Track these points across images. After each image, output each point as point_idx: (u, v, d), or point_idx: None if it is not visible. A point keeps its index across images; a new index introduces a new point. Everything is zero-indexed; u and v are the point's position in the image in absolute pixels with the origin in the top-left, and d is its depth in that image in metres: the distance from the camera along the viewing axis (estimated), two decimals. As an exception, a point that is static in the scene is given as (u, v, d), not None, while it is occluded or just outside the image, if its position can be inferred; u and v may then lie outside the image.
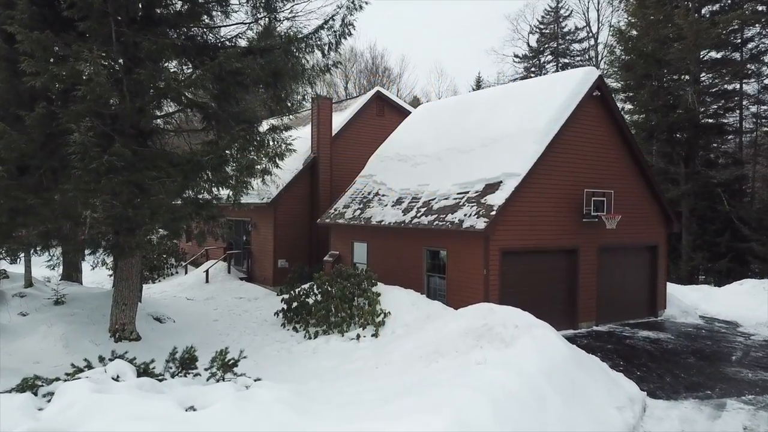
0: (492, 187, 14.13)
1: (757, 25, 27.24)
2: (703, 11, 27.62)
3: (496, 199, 13.60)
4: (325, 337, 13.37)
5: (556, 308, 15.12)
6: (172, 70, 12.13)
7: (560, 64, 42.39)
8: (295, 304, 15.39)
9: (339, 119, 22.91)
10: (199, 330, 15.16)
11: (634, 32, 28.00)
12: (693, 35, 24.65)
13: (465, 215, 13.93)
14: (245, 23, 13.64)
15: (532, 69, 43.91)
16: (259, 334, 14.66)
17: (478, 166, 15.22)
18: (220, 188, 12.63)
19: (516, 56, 45.71)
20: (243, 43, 13.30)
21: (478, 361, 8.49)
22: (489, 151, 15.47)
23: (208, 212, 13.71)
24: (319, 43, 13.43)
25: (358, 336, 12.84)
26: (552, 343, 9.34)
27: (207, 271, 22.23)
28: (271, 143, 12.31)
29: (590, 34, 41.78)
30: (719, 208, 25.48)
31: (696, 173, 26.59)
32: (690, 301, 19.22)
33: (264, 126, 14.53)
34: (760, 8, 26.16)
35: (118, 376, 8.35)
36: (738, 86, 28.68)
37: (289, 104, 12.14)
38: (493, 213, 13.27)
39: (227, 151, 11.12)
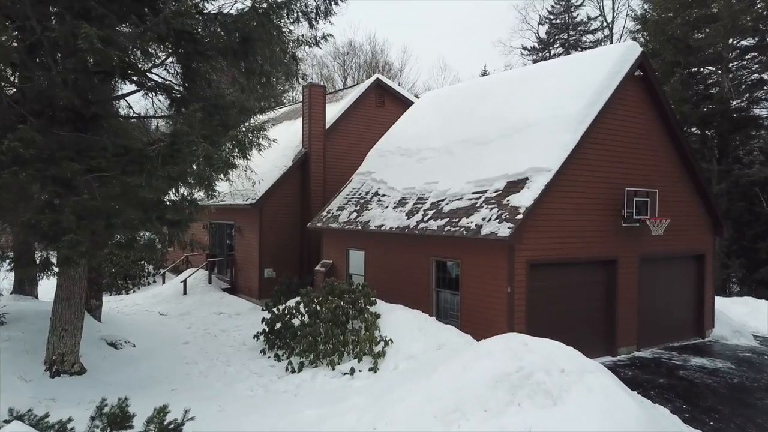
0: (516, 185, 11.60)
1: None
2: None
3: (523, 199, 11.07)
4: (311, 371, 10.83)
5: (591, 331, 12.59)
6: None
7: (571, 57, 39.84)
8: (278, 325, 12.88)
9: (334, 110, 20.39)
10: (163, 357, 12.64)
11: (662, 16, 25.39)
12: (729, 18, 22.11)
13: (483, 219, 11.41)
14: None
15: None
16: (233, 363, 12.12)
17: (497, 161, 12.69)
18: (181, 186, 10.13)
19: (524, 48, 43.20)
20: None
21: (519, 431, 5.95)
22: (510, 142, 12.94)
23: (172, 217, 11.25)
24: (305, 9, 10.95)
25: (352, 370, 10.31)
26: (616, 396, 6.81)
27: (185, 282, 19.69)
28: (245, 131, 9.72)
29: (604, 24, 39.27)
30: (757, 209, 22.90)
31: (729, 171, 24.04)
32: (736, 317, 16.68)
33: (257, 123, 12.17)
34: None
35: (11, 448, 5.86)
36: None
37: (263, 80, 9.57)
38: (520, 217, 10.74)
39: (186, 138, 8.56)
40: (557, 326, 11.82)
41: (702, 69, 26.00)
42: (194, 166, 8.39)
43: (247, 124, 9.06)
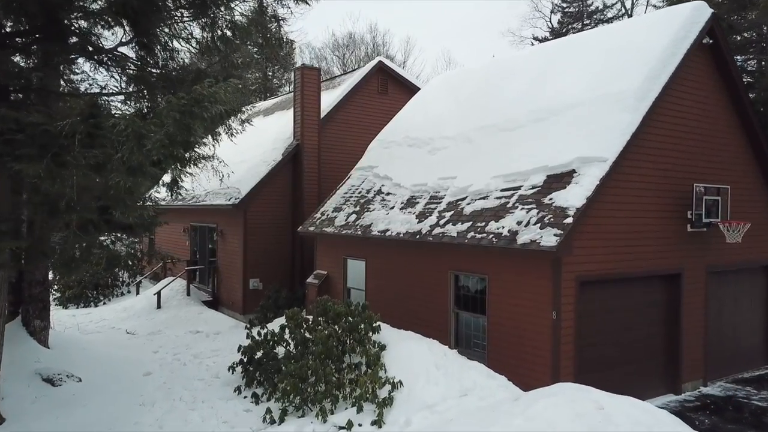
0: (560, 180, 9.06)
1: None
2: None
3: (571, 197, 8.52)
4: (296, 422, 8.28)
5: (650, 364, 10.05)
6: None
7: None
8: (259, 354, 10.35)
9: (331, 97, 17.86)
10: (113, 396, 10.08)
11: None
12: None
13: (518, 224, 8.86)
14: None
15: (554, 53, 38.75)
16: (200, 405, 9.54)
17: (530, 150, 10.16)
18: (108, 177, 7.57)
19: (535, 38, 40.59)
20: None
21: None
22: (546, 126, 10.40)
23: (126, 220, 8.82)
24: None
25: (350, 424, 7.75)
26: None
27: (159, 294, 17.14)
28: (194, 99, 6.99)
29: (622, 12, 36.67)
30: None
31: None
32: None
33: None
34: None
35: None
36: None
37: (229, 33, 7.01)
38: (569, 220, 8.19)
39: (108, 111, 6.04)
40: (611, 360, 9.33)
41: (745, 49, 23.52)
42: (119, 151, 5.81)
43: (197, 87, 6.42)
